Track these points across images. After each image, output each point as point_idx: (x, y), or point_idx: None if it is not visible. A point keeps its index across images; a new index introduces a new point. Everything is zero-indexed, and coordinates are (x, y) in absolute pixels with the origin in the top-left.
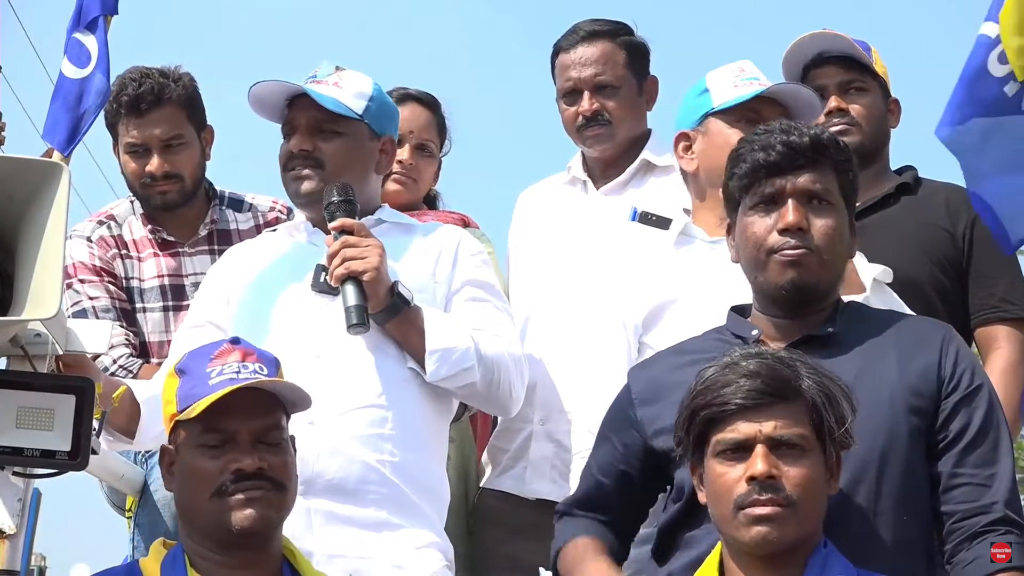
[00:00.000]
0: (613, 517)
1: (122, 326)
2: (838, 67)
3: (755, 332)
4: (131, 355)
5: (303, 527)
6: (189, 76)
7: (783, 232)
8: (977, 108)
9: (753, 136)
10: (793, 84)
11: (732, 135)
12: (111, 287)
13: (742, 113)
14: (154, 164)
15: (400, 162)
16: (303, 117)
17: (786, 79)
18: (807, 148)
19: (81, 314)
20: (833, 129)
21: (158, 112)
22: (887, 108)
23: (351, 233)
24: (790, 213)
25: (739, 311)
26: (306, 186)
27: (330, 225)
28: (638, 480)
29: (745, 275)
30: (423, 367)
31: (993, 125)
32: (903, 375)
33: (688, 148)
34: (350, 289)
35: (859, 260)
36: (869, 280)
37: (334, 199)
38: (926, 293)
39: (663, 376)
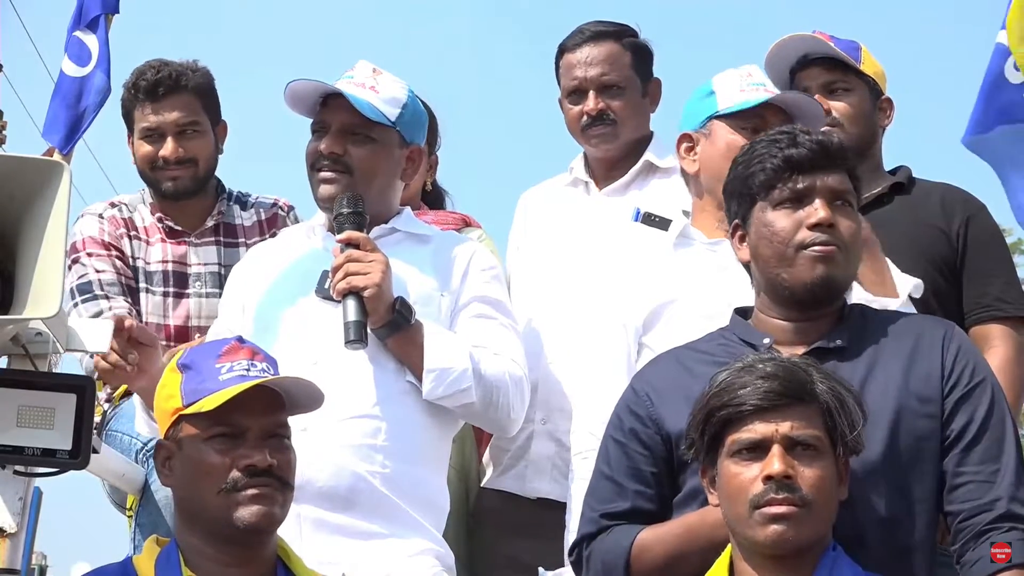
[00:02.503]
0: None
1: (127, 300)
2: (822, 68)
3: (767, 340)
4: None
5: (293, 533)
6: (207, 69)
7: (814, 227)
8: (1000, 116)
9: (774, 136)
10: (800, 94)
11: (735, 140)
12: (118, 262)
13: (747, 119)
14: (168, 148)
15: None
16: (336, 119)
17: (772, 82)
18: (836, 149)
19: (86, 287)
20: None
21: (175, 98)
22: (876, 107)
23: (357, 247)
24: (821, 209)
25: (741, 314)
26: (331, 191)
27: (336, 238)
28: (667, 482)
29: (761, 274)
30: (421, 383)
31: (1017, 131)
32: (909, 380)
33: (691, 149)
34: (351, 304)
35: (893, 267)
36: (905, 293)
37: (343, 210)
38: (923, 292)
39: (667, 378)
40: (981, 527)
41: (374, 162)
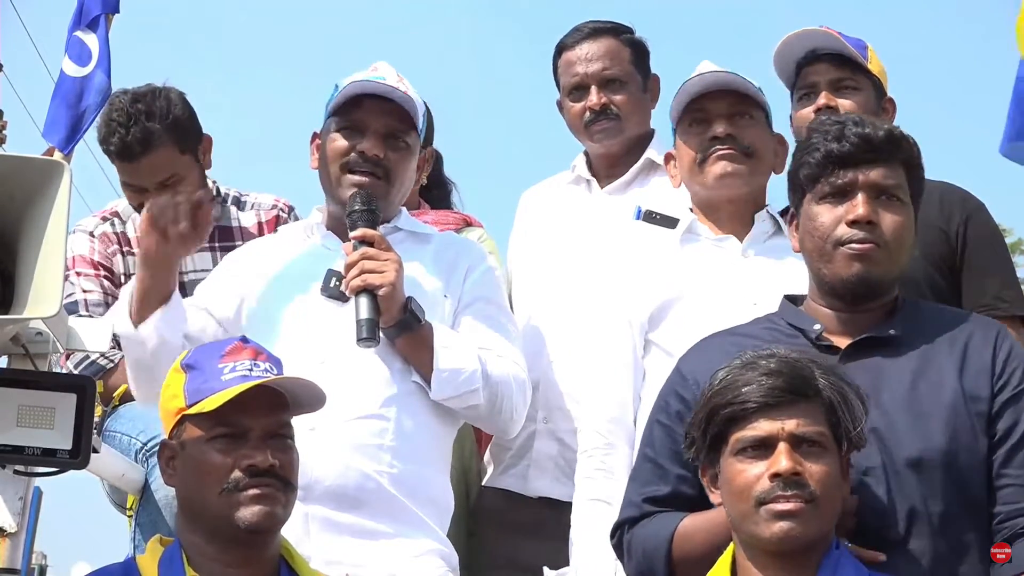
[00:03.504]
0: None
1: None
2: (830, 64)
3: (817, 327)
4: (114, 347)
5: (301, 533)
6: (178, 99)
7: (852, 224)
8: None
9: (824, 127)
10: (710, 73)
11: (681, 145)
12: (106, 283)
13: (690, 116)
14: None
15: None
16: (379, 122)
17: (779, 76)
18: (882, 142)
19: (73, 306)
20: None
21: (149, 158)
22: (880, 107)
23: (371, 244)
24: (861, 206)
25: (792, 300)
26: (370, 190)
27: (351, 234)
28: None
29: (807, 266)
30: (428, 384)
31: None
32: (962, 378)
33: (675, 167)
34: (364, 302)
35: None
36: None
37: (357, 207)
38: (922, 292)
39: (712, 362)
40: (1017, 530)
41: (407, 167)
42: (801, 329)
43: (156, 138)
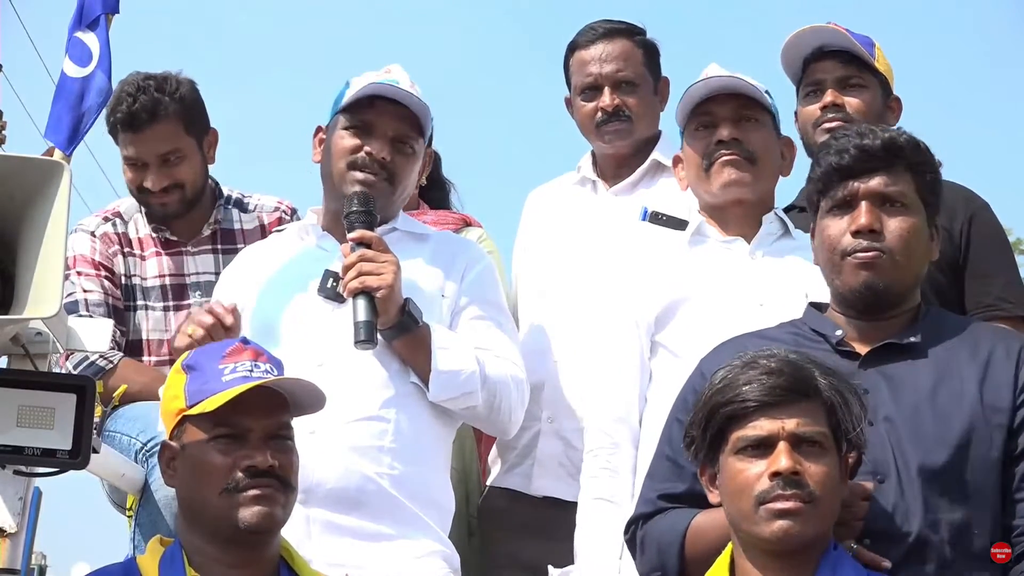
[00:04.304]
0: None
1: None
2: (837, 62)
3: (839, 333)
4: (113, 347)
5: (303, 535)
6: (188, 84)
7: (856, 234)
8: None
9: (831, 140)
10: (717, 78)
11: (687, 149)
12: (107, 283)
13: (697, 120)
14: (151, 180)
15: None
16: (390, 126)
17: (785, 71)
18: (879, 150)
19: (73, 305)
20: (827, 125)
21: (154, 128)
22: (886, 106)
23: (369, 246)
24: (862, 215)
25: (817, 307)
26: (368, 192)
27: (349, 236)
28: None
29: (823, 277)
30: (427, 385)
31: None
32: (983, 389)
33: (683, 170)
34: (361, 304)
35: None
36: None
37: (354, 209)
38: (924, 292)
39: None
40: None
41: (411, 172)
42: (823, 335)
43: (163, 109)
